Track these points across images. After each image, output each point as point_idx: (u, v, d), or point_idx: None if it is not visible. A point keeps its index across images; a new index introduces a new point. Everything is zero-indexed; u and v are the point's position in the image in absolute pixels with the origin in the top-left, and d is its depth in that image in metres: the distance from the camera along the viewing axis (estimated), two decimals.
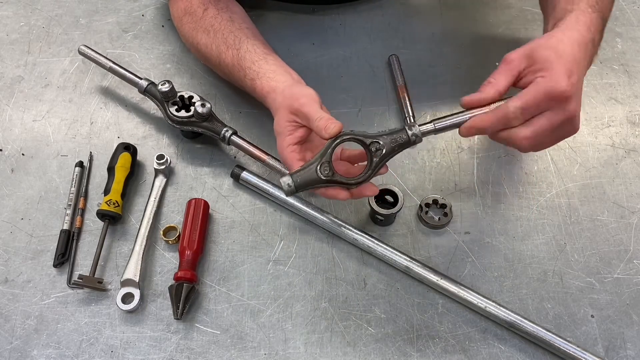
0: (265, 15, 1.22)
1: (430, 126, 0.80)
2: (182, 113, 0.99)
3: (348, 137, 0.80)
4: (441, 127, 0.81)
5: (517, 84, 0.79)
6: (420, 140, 0.81)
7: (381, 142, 0.80)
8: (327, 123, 0.79)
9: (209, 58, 1.02)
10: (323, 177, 0.78)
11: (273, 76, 0.91)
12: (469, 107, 0.80)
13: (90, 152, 1.04)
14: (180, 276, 0.88)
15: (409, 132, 0.80)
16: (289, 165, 0.84)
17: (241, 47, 0.96)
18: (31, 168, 1.03)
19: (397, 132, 0.80)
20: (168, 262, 0.94)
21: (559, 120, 0.76)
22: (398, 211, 0.93)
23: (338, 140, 0.79)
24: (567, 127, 0.78)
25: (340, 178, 0.79)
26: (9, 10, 1.25)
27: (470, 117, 0.79)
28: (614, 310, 0.90)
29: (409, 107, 1.08)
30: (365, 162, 0.84)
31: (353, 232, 0.94)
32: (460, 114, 0.80)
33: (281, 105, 0.86)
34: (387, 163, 0.82)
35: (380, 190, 0.94)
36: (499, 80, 0.79)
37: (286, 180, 0.78)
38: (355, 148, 0.86)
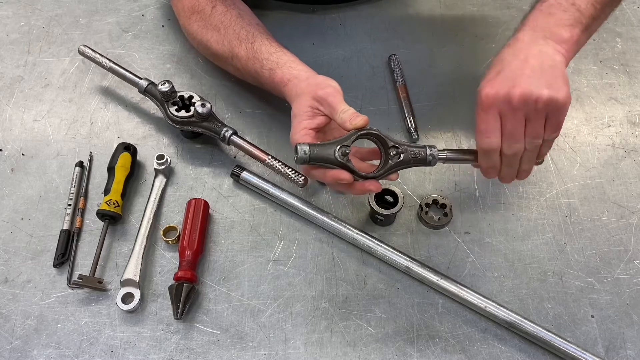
0: (265, 15, 1.21)
1: (444, 154, 0.85)
2: (182, 113, 0.99)
3: (374, 132, 0.81)
4: (452, 158, 0.86)
5: None
6: (435, 164, 0.83)
7: (401, 149, 0.81)
8: (352, 116, 0.81)
9: (220, 54, 1.02)
10: (339, 159, 0.79)
11: (294, 66, 0.92)
12: None
13: (90, 152, 1.04)
14: (180, 276, 0.88)
15: (427, 152, 0.82)
16: None
17: (255, 41, 0.96)
18: (31, 168, 1.03)
19: (417, 147, 0.83)
20: (168, 262, 0.94)
21: (510, 111, 0.76)
22: (398, 211, 0.93)
23: (363, 132, 0.80)
24: (533, 105, 0.75)
25: (353, 167, 0.80)
26: (9, 10, 1.24)
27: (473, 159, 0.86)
28: (614, 310, 0.90)
29: (409, 107, 1.08)
30: (374, 162, 0.85)
31: (353, 232, 0.94)
32: (469, 152, 0.87)
33: (304, 91, 0.86)
34: (398, 172, 0.83)
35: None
36: None
37: (303, 147, 0.78)
38: (367, 146, 0.87)
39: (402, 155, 0.81)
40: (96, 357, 0.86)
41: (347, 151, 0.79)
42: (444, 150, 0.85)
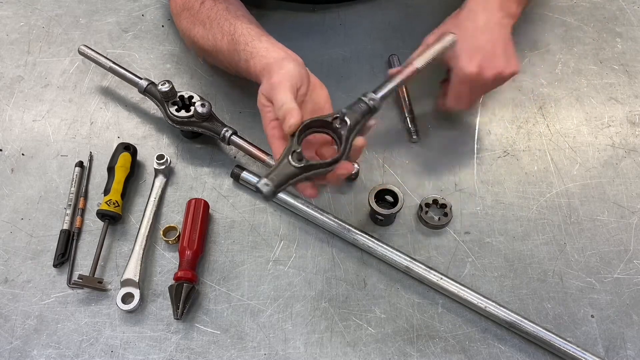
0: (265, 15, 1.22)
1: (381, 92, 0.83)
2: (182, 113, 0.99)
3: (308, 122, 0.77)
4: (390, 89, 0.84)
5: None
6: (380, 106, 0.82)
7: (340, 115, 0.78)
8: (285, 114, 0.76)
9: (205, 49, 1.01)
10: (298, 166, 0.73)
11: (266, 54, 0.88)
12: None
13: (90, 152, 1.04)
14: (180, 276, 0.88)
15: (366, 100, 0.80)
16: (270, 143, 0.81)
17: (236, 32, 0.93)
18: (31, 168, 1.03)
19: (355, 104, 0.80)
20: (168, 262, 0.94)
21: (481, 85, 0.95)
22: (398, 211, 0.93)
23: (297, 132, 0.76)
24: (500, 80, 0.95)
25: (316, 163, 0.75)
26: (9, 10, 1.25)
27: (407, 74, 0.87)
28: (614, 310, 0.90)
29: (409, 107, 1.08)
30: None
31: (353, 232, 0.94)
32: (397, 78, 0.86)
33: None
34: (367, 141, 0.80)
35: (380, 190, 0.95)
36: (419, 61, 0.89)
37: (263, 182, 0.72)
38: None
39: (348, 120, 0.78)
40: (96, 357, 0.86)
41: (298, 156, 0.73)
42: (377, 90, 0.82)
